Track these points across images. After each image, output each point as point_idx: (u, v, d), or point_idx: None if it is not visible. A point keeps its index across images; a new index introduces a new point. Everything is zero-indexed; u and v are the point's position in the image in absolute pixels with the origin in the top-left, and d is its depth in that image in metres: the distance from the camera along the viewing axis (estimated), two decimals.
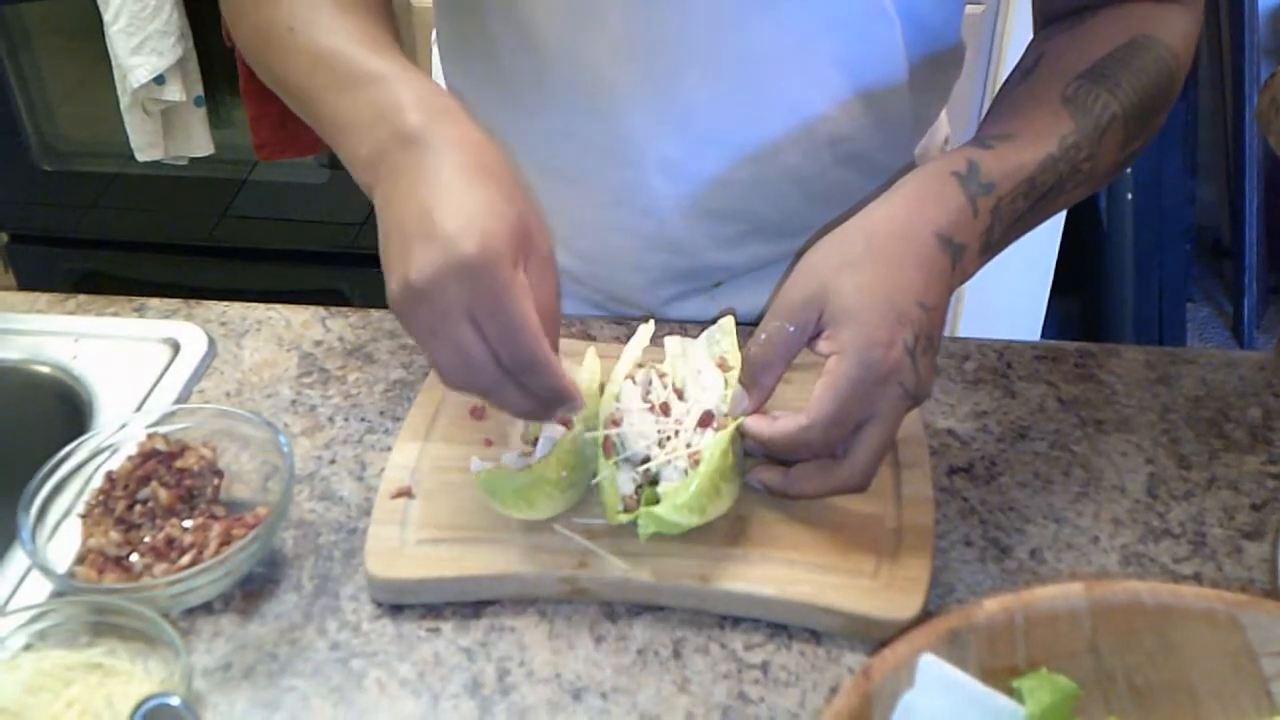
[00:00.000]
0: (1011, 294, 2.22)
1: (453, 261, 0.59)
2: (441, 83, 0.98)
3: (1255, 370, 0.87)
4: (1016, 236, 0.74)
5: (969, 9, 1.78)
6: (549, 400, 0.65)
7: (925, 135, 0.97)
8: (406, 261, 0.61)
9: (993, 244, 0.72)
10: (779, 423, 0.69)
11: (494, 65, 0.87)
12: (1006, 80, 0.80)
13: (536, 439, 0.73)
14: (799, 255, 0.71)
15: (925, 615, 0.66)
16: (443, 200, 0.61)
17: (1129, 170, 2.21)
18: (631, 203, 0.89)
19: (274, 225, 2.26)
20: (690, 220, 0.90)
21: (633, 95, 0.83)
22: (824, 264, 0.68)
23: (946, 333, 0.74)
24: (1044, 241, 2.19)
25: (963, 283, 0.71)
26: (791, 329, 0.68)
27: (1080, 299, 2.47)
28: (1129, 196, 2.23)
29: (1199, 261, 2.65)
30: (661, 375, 0.76)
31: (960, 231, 0.69)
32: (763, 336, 0.69)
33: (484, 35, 0.86)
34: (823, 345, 0.67)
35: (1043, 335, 2.16)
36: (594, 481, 0.72)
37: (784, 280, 0.70)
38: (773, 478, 0.71)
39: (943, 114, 1.00)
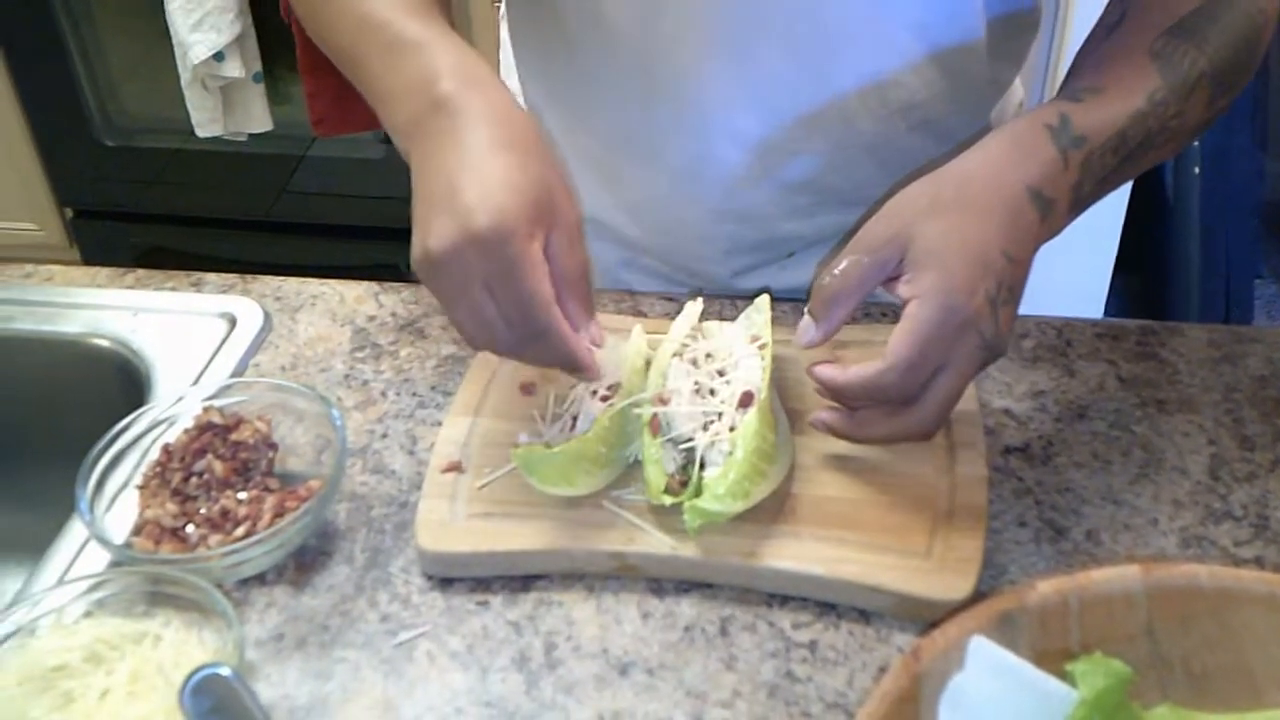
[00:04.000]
0: (1074, 271, 2.18)
1: (468, 234, 0.62)
2: (509, 57, 0.98)
3: None
4: (1104, 194, 0.73)
5: None
6: (563, 364, 0.67)
7: (1000, 100, 0.95)
8: (427, 229, 0.64)
9: (1081, 200, 0.70)
10: (852, 369, 0.67)
11: (564, 41, 0.87)
12: (1090, 35, 0.78)
13: (573, 415, 0.74)
14: (888, 194, 0.69)
15: (977, 596, 0.65)
16: (465, 172, 0.64)
17: (1196, 145, 2.16)
18: (702, 174, 0.88)
19: (332, 201, 2.28)
20: (761, 191, 0.89)
21: (704, 68, 0.82)
22: (911, 206, 0.67)
23: None
24: (1108, 218, 2.15)
25: (1049, 238, 0.70)
26: (870, 263, 0.67)
27: (1145, 276, 2.42)
28: (1195, 171, 2.18)
29: (1269, 238, 2.59)
30: (708, 356, 0.76)
31: (1050, 185, 0.68)
32: (839, 268, 0.68)
33: (554, 13, 0.86)
34: (903, 289, 0.66)
35: (1106, 313, 2.13)
36: (633, 459, 0.72)
37: (866, 217, 0.69)
38: (838, 421, 0.70)
39: (1017, 79, 0.98)
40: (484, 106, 0.66)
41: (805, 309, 0.69)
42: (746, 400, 0.72)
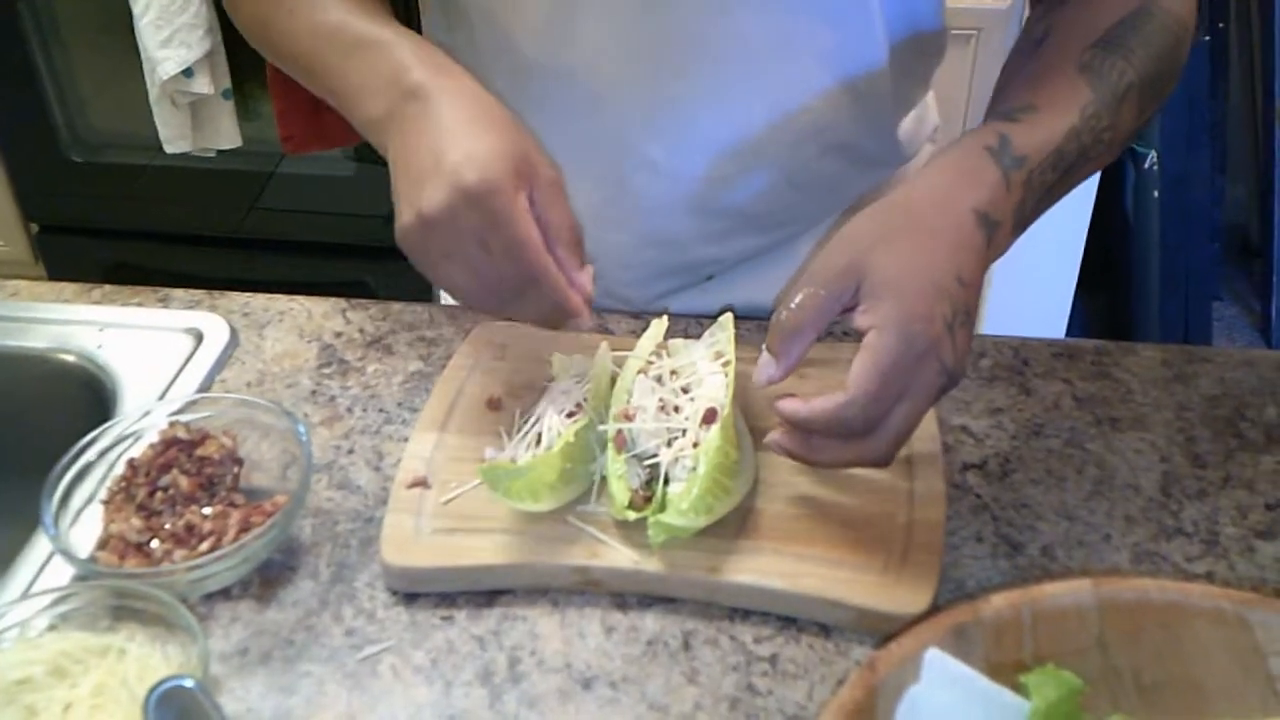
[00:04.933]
0: (1037, 292, 2.21)
1: (459, 190, 0.66)
2: None
3: (1274, 369, 0.87)
4: (1044, 210, 0.74)
5: (991, 4, 1.78)
6: (557, 311, 0.71)
7: (911, 121, 0.97)
8: (419, 196, 0.67)
9: (1025, 218, 0.71)
10: (816, 402, 0.67)
11: (479, 71, 0.89)
12: (1013, 51, 0.80)
13: (538, 432, 0.74)
14: (837, 225, 0.70)
15: (934, 610, 0.66)
16: (447, 141, 0.68)
17: (1156, 169, 2.19)
18: (619, 201, 0.90)
19: (301, 218, 2.28)
20: (678, 217, 0.90)
21: (616, 97, 0.84)
22: (863, 236, 0.68)
23: None
24: (1070, 238, 2.17)
25: (996, 259, 0.71)
26: (825, 296, 0.67)
27: (1106, 298, 2.46)
28: (1155, 195, 2.22)
29: (1229, 261, 2.63)
30: (673, 373, 0.77)
31: (996, 207, 0.69)
32: (795, 302, 0.67)
33: (470, 44, 0.87)
34: (861, 319, 0.66)
35: (1068, 334, 2.16)
36: (597, 475, 0.73)
37: (818, 250, 0.69)
38: (793, 444, 0.69)
39: (930, 100, 1.01)
40: (456, 89, 0.71)
41: (763, 345, 0.69)
42: (710, 417, 0.73)
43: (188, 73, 1.92)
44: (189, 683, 0.55)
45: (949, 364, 0.66)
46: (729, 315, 0.81)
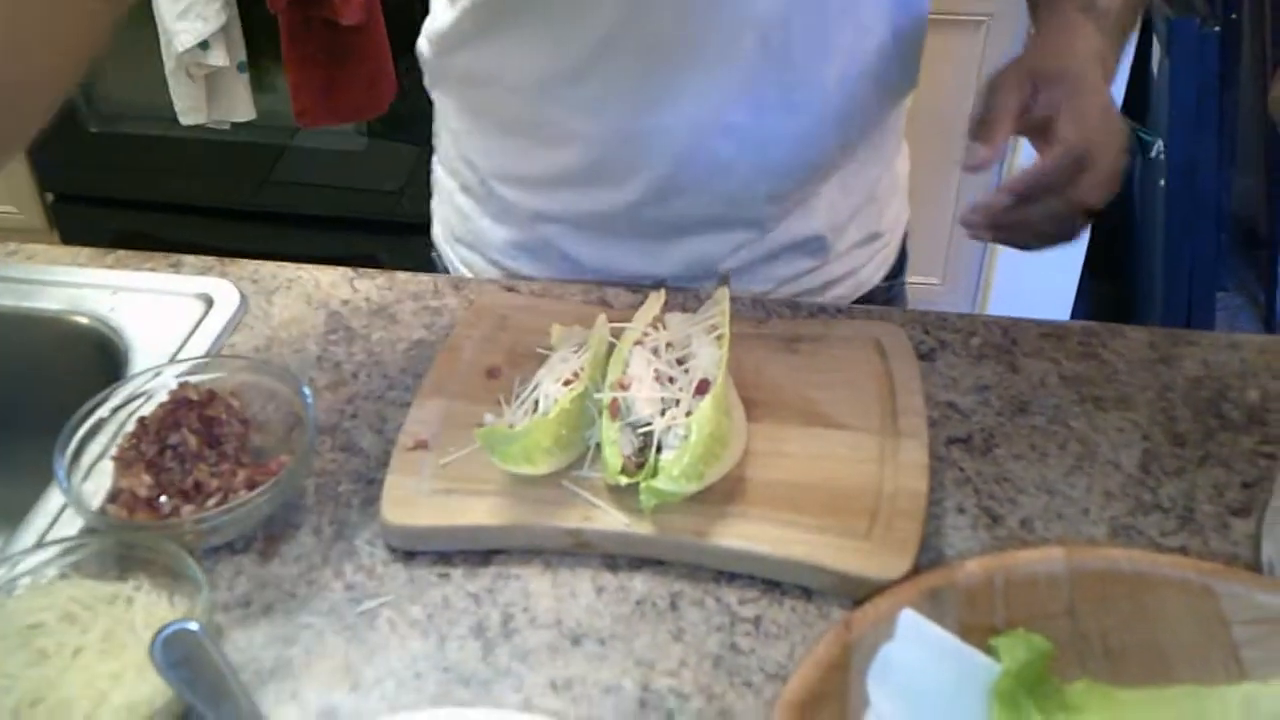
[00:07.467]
0: (1041, 278, 2.22)
1: None
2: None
3: (1257, 353, 0.89)
4: (1122, 53, 0.87)
5: None
6: None
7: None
8: None
9: (1118, 60, 0.85)
10: (1031, 166, 0.77)
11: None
12: None
13: (535, 399, 0.77)
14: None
15: (913, 576, 0.69)
16: None
17: (1162, 158, 2.20)
18: (693, 167, 0.92)
19: (314, 191, 2.30)
20: (753, 179, 0.93)
21: (693, 68, 0.86)
22: (1017, 65, 0.79)
23: (970, 311, 0.77)
24: None
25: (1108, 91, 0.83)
26: (1009, 91, 0.77)
27: (1111, 286, 2.47)
28: (1161, 183, 2.23)
29: (1234, 251, 2.64)
30: (668, 345, 0.79)
31: (1104, 47, 0.82)
32: (988, 96, 0.78)
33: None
34: (1045, 100, 0.77)
35: (1072, 318, 2.17)
36: (592, 442, 0.75)
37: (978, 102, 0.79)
38: (1008, 215, 0.78)
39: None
40: None
41: (968, 137, 0.78)
42: (703, 387, 0.75)
43: (204, 45, 1.94)
44: (194, 626, 0.58)
45: (1124, 125, 0.78)
46: (724, 290, 0.83)
